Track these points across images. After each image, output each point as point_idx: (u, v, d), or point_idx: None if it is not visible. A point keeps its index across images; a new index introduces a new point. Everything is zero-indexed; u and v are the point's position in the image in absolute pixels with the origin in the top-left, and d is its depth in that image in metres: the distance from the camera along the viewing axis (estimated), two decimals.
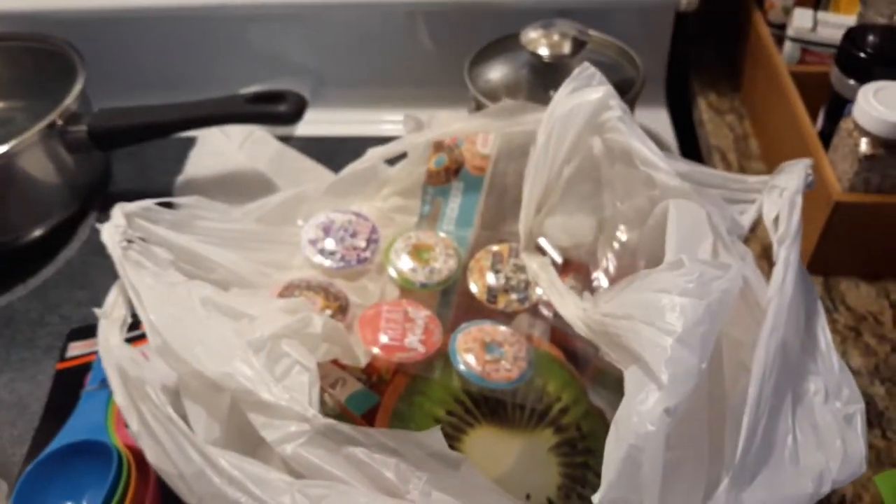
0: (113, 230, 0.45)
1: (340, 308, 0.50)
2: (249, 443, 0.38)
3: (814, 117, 0.71)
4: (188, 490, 0.37)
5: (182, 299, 0.42)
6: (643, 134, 0.43)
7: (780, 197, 0.39)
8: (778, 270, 0.35)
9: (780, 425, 0.31)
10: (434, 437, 0.36)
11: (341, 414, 0.42)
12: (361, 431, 0.36)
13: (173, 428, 0.37)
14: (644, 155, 0.42)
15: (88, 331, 0.63)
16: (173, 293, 0.43)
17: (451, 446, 0.45)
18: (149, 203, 0.49)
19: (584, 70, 0.46)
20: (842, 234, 0.64)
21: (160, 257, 0.47)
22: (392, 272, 0.53)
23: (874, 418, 0.56)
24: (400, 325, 0.49)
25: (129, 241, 0.46)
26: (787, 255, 0.35)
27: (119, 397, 0.40)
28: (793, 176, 0.40)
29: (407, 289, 0.53)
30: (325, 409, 0.40)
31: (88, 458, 0.51)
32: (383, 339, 0.48)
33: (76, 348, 0.61)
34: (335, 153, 0.80)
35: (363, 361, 0.46)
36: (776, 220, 0.38)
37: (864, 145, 0.60)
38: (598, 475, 0.48)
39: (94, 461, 0.50)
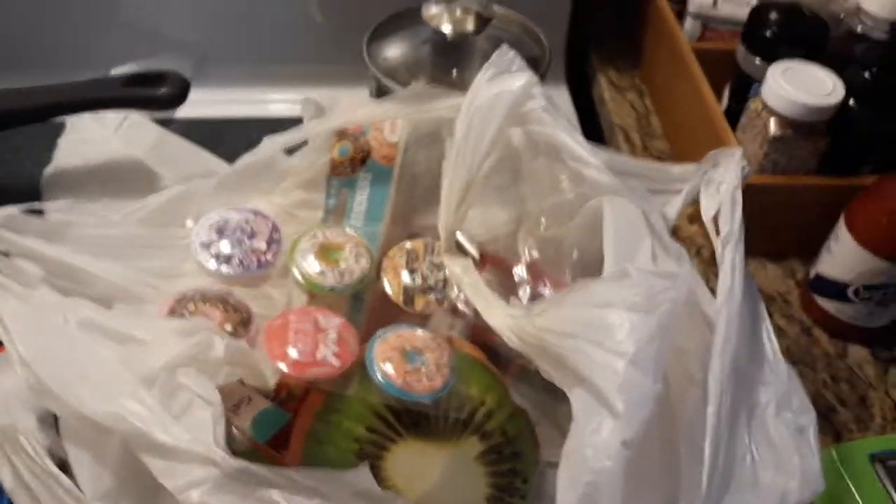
0: None
1: (242, 321, 0.45)
2: (146, 492, 0.34)
3: (716, 95, 0.70)
4: None
5: (56, 326, 0.36)
6: (570, 126, 0.41)
7: (717, 192, 0.38)
8: (724, 275, 0.34)
9: (739, 445, 0.30)
10: (360, 475, 0.32)
11: (252, 450, 0.38)
12: (277, 472, 0.32)
13: (54, 484, 0.32)
14: (573, 150, 0.39)
15: None
16: (45, 318, 0.37)
17: (374, 466, 0.42)
18: (12, 210, 0.43)
19: (503, 54, 0.43)
20: (749, 216, 0.63)
21: (29, 274, 0.41)
22: (298, 276, 0.48)
23: None
24: (311, 336, 0.44)
25: None
26: (732, 258, 0.34)
27: None
28: (729, 169, 0.38)
29: (315, 293, 0.48)
30: (233, 447, 0.35)
31: None
32: (293, 353, 0.43)
33: None
34: (222, 137, 0.74)
35: (272, 382, 0.42)
36: (716, 217, 0.37)
37: (773, 126, 0.59)
38: (526, 481, 0.47)
39: None
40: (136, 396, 0.33)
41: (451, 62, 0.70)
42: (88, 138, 0.73)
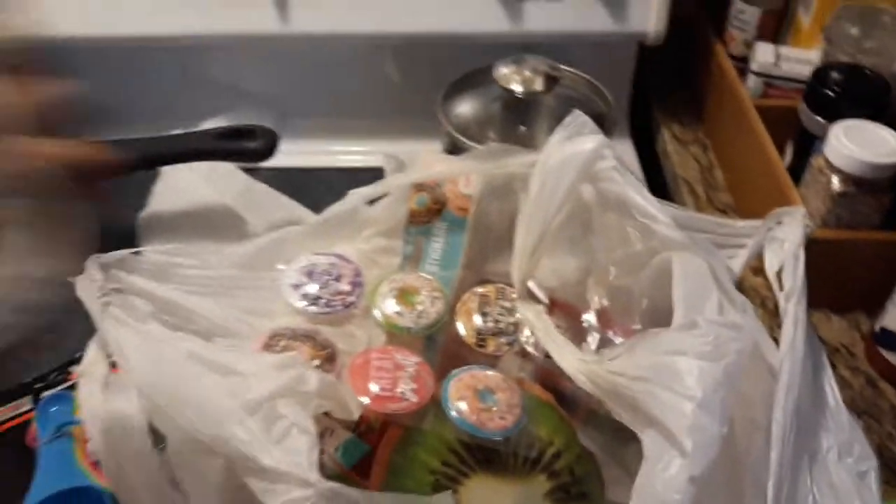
0: (89, 285, 0.43)
1: (328, 357, 0.49)
2: None
3: (778, 151, 0.72)
4: None
5: (170, 358, 0.40)
6: (639, 184, 0.43)
7: (781, 249, 0.40)
8: (787, 328, 0.36)
9: (801, 487, 0.32)
10: (442, 502, 0.35)
11: (340, 474, 0.41)
12: (366, 496, 0.35)
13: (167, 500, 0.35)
14: (642, 206, 0.42)
15: (4, 396, 0.61)
16: (159, 350, 0.41)
17: None
18: (124, 253, 0.47)
19: (576, 117, 0.46)
20: (814, 269, 0.65)
21: (140, 310, 0.45)
22: (378, 316, 0.52)
23: None
24: (391, 373, 0.47)
25: (107, 295, 0.44)
26: (795, 312, 0.36)
27: (109, 466, 0.38)
28: (792, 227, 0.41)
29: (394, 333, 0.52)
30: (324, 471, 0.39)
31: None
32: (374, 388, 0.46)
33: None
34: (303, 185, 0.79)
35: (356, 414, 0.45)
36: (780, 272, 0.39)
37: (836, 183, 0.61)
38: None
39: None
40: (241, 423, 0.37)
41: (520, 119, 0.74)
42: (181, 186, 0.78)
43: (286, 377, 0.40)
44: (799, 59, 0.79)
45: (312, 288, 0.53)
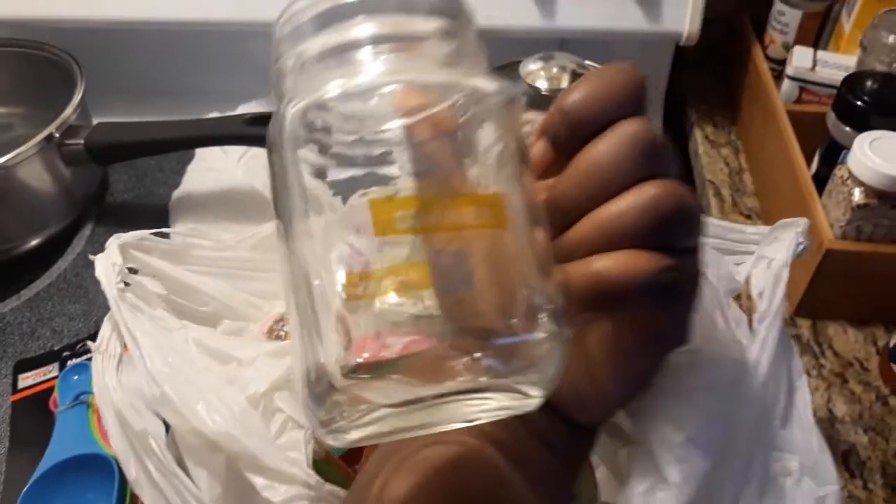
0: (109, 267, 0.45)
1: None
2: (244, 499, 0.39)
3: (809, 157, 0.71)
4: None
5: (180, 348, 0.42)
6: None
7: (767, 269, 0.40)
8: (754, 351, 0.35)
9: None
10: None
11: (326, 460, 0.43)
12: None
13: (180, 485, 0.37)
14: None
15: (35, 361, 0.64)
16: (171, 340, 0.43)
17: None
18: (144, 233, 0.49)
19: None
20: (832, 280, 0.64)
21: (153, 294, 0.47)
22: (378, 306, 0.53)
23: (856, 468, 0.57)
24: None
25: (126, 284, 0.45)
26: (765, 336, 0.36)
27: (117, 442, 0.40)
28: (784, 244, 0.40)
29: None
30: (313, 456, 0.40)
31: (84, 471, 0.52)
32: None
33: (27, 379, 0.62)
34: None
35: None
36: (761, 294, 0.38)
37: (857, 195, 0.60)
38: None
39: (91, 474, 0.51)
40: (245, 421, 0.39)
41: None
42: (214, 167, 0.80)
43: (282, 370, 0.42)
44: (837, 64, 0.78)
45: None
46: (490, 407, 0.25)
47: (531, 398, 0.25)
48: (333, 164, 0.25)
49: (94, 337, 0.47)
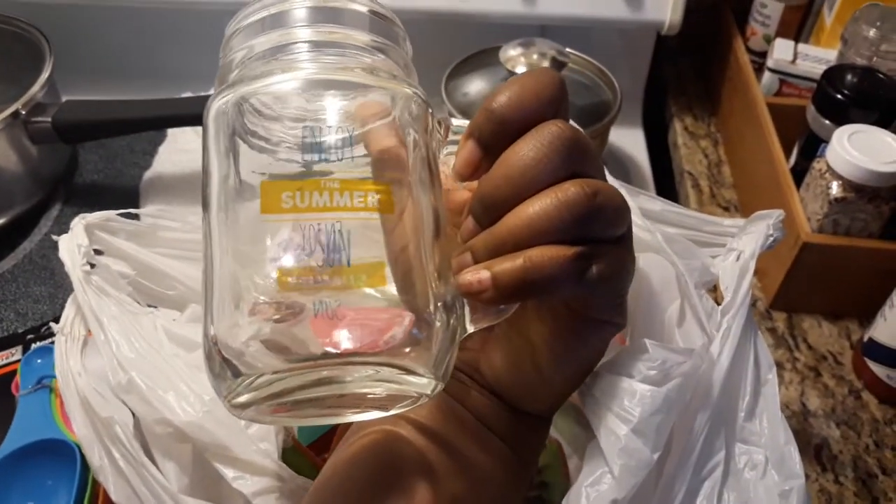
0: (74, 249, 0.43)
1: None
2: (214, 494, 0.38)
3: (788, 150, 0.71)
4: None
5: (148, 333, 0.41)
6: (610, 178, 0.43)
7: (735, 262, 0.39)
8: (716, 344, 0.35)
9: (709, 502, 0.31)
10: None
11: (294, 449, 0.42)
12: None
13: (147, 475, 0.36)
14: None
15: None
16: (138, 325, 0.41)
17: None
18: (110, 214, 0.48)
19: None
20: (808, 274, 0.64)
21: (119, 277, 0.45)
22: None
23: (828, 462, 0.57)
24: None
25: (92, 265, 0.44)
26: (728, 328, 0.35)
27: (81, 429, 0.38)
28: (753, 237, 0.40)
29: None
30: (281, 445, 0.39)
31: (45, 457, 0.50)
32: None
33: None
34: None
35: None
36: (727, 287, 0.38)
37: (835, 188, 0.60)
38: None
39: (52, 460, 0.49)
40: (214, 412, 0.37)
41: None
42: (186, 148, 0.79)
43: None
44: (818, 57, 0.77)
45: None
46: (383, 377, 0.26)
47: (419, 376, 0.27)
48: (250, 149, 0.28)
49: (58, 320, 0.46)
